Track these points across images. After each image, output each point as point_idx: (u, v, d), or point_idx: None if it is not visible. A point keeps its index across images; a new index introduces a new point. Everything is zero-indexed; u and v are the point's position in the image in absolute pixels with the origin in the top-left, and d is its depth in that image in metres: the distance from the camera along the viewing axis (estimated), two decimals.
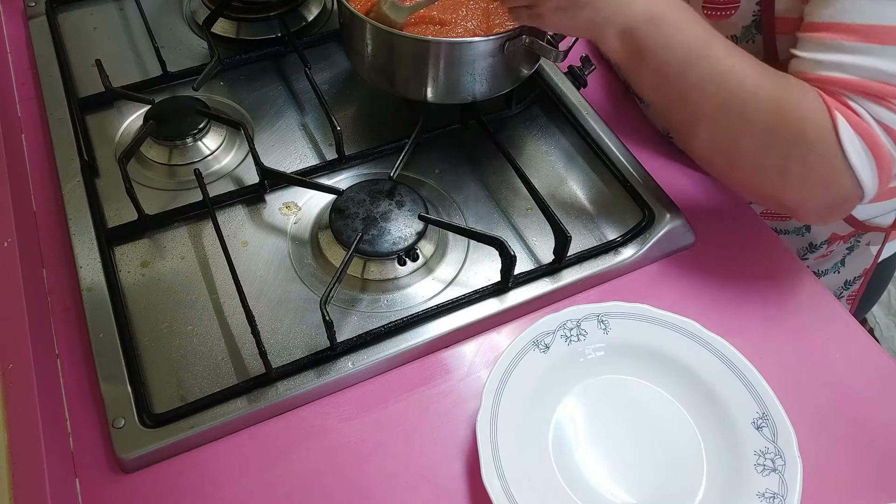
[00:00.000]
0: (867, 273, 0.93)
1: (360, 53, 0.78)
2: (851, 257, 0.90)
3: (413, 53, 0.74)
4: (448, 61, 0.73)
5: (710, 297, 0.72)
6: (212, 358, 0.66)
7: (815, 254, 0.88)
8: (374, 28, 0.72)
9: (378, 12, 0.74)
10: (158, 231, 0.75)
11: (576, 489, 0.58)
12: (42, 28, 0.94)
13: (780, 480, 0.57)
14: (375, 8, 0.75)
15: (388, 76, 0.78)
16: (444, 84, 0.75)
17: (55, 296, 0.70)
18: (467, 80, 0.75)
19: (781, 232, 0.86)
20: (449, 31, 0.75)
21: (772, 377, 0.62)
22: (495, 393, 0.61)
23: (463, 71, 0.74)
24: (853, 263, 0.91)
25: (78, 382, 0.64)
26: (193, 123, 0.81)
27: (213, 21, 0.91)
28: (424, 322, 0.67)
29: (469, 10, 0.76)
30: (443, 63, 0.73)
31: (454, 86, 0.75)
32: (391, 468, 0.61)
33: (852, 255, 0.90)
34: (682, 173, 0.82)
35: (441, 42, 0.72)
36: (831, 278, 0.92)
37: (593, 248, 0.73)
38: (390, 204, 0.73)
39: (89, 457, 0.60)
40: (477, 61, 0.73)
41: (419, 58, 0.74)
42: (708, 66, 0.61)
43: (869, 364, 0.68)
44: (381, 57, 0.76)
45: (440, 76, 0.75)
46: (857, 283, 0.94)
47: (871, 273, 0.93)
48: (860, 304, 0.98)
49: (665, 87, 0.65)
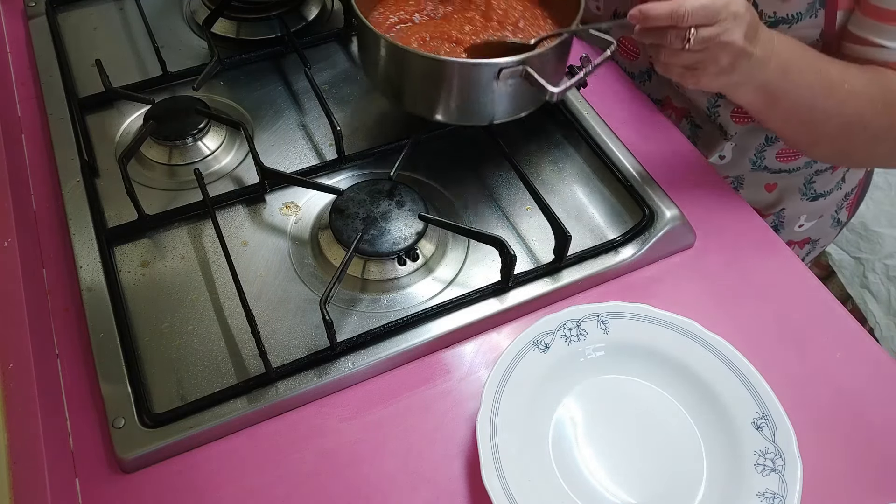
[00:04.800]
0: (861, 181, 1.04)
1: (374, 65, 0.76)
2: (851, 171, 0.99)
3: (408, 67, 0.73)
4: (432, 78, 0.71)
5: (710, 297, 0.72)
6: (212, 358, 0.66)
7: (820, 176, 0.95)
8: (386, 41, 0.71)
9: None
10: (158, 231, 0.75)
11: (576, 489, 0.58)
12: (42, 28, 0.94)
13: (780, 480, 0.57)
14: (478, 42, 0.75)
15: (395, 90, 0.77)
16: (446, 103, 0.73)
17: (55, 296, 0.70)
18: (472, 101, 0.72)
19: (794, 171, 0.93)
20: (461, 51, 0.75)
21: (772, 377, 0.62)
22: (495, 393, 0.61)
23: (461, 92, 0.72)
24: (851, 176, 1.00)
25: (78, 382, 0.64)
26: (193, 123, 0.81)
27: (213, 21, 0.91)
28: (424, 322, 0.67)
29: (479, 27, 0.76)
30: (447, 83, 0.72)
31: (462, 106, 0.73)
32: (391, 468, 0.61)
33: (851, 170, 0.99)
34: (682, 173, 0.82)
35: (426, 58, 0.70)
36: (835, 195, 1.00)
37: (593, 248, 0.73)
38: (390, 204, 0.73)
39: (89, 457, 0.60)
40: (474, 84, 0.70)
41: (415, 73, 0.73)
42: (830, 96, 0.71)
43: (869, 364, 0.68)
44: (392, 70, 0.75)
45: (440, 95, 0.73)
46: (854, 192, 1.04)
47: (864, 180, 1.05)
48: (854, 206, 1.09)
49: (794, 122, 0.75)
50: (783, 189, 0.95)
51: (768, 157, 0.91)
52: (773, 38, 0.67)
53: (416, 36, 0.77)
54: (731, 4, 0.62)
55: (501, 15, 0.79)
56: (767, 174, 0.93)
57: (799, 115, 0.73)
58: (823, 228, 1.04)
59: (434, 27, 0.78)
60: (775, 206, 0.97)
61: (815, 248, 1.08)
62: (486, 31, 0.77)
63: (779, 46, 0.67)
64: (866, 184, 1.07)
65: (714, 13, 0.61)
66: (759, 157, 0.91)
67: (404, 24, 0.80)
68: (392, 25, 0.80)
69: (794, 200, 0.97)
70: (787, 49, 0.68)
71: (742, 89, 0.69)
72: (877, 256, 1.80)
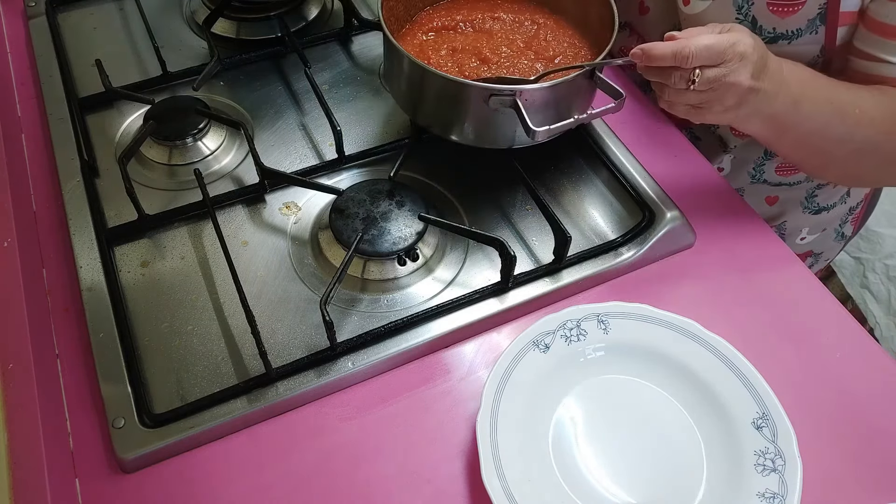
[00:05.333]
0: (868, 196, 1.02)
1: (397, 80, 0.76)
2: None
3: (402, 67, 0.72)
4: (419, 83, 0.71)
5: (710, 297, 0.72)
6: (212, 358, 0.66)
7: (822, 190, 0.94)
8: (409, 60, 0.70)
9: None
10: (158, 231, 0.75)
11: (576, 489, 0.58)
12: (42, 28, 0.94)
13: (780, 480, 0.57)
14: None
15: (413, 105, 0.77)
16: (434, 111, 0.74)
17: (55, 296, 0.70)
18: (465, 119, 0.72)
19: (794, 184, 0.92)
20: (484, 70, 0.74)
21: (772, 377, 0.62)
22: (495, 393, 0.61)
23: (450, 107, 0.71)
24: (856, 191, 0.98)
25: (78, 382, 0.64)
26: (193, 123, 0.81)
27: (213, 21, 0.91)
28: (424, 322, 0.67)
29: (515, 52, 0.76)
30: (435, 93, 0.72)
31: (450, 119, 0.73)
32: (391, 468, 0.61)
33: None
34: (682, 173, 0.82)
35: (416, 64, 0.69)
36: (839, 209, 0.98)
37: (593, 248, 0.73)
38: (390, 204, 0.73)
39: (89, 457, 0.60)
40: (463, 101, 0.69)
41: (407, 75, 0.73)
42: (842, 122, 0.69)
43: (869, 364, 0.68)
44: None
45: (425, 101, 0.73)
46: (860, 206, 1.02)
47: (870, 194, 1.02)
48: (860, 221, 1.06)
49: (804, 149, 0.73)
50: (784, 202, 0.94)
51: (767, 171, 0.90)
52: (783, 69, 0.65)
53: (449, 45, 0.77)
54: (737, 44, 0.60)
55: (543, 46, 0.77)
56: (767, 187, 0.92)
57: (809, 143, 0.71)
58: (827, 242, 1.03)
59: (472, 40, 0.78)
60: (777, 218, 0.96)
61: (819, 262, 1.07)
62: (521, 58, 0.76)
63: (789, 77, 0.66)
64: (873, 198, 1.04)
65: (719, 54, 0.60)
66: (758, 171, 0.91)
67: (447, 31, 0.80)
68: (434, 28, 0.80)
69: (796, 213, 0.96)
70: (798, 79, 0.67)
71: (750, 121, 0.68)
72: (877, 256, 1.80)
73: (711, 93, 0.62)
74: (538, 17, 0.82)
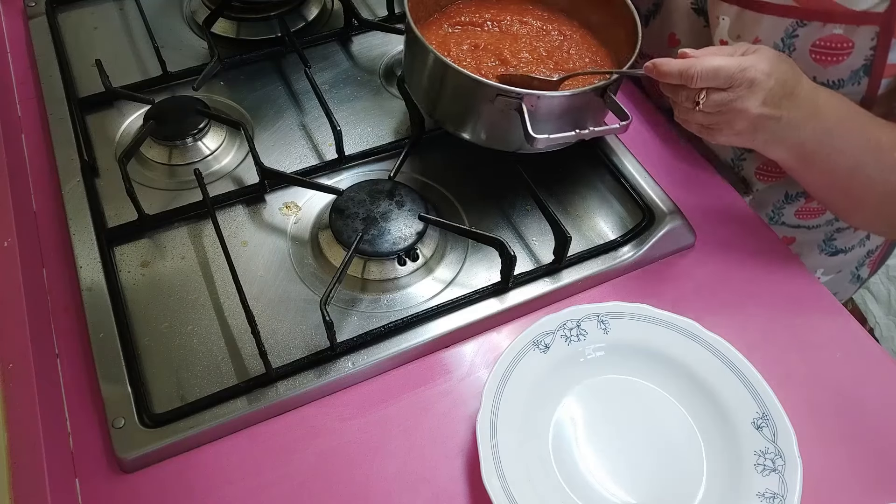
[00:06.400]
0: (887, 241, 0.98)
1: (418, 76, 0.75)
2: None
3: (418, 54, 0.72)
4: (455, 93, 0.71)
5: (710, 297, 0.72)
6: (212, 358, 0.66)
7: (842, 233, 0.91)
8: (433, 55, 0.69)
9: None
10: (158, 231, 0.75)
11: (576, 489, 0.58)
12: (42, 28, 0.94)
13: (780, 480, 0.57)
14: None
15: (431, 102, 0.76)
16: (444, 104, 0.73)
17: (55, 296, 0.70)
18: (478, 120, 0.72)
19: (813, 227, 0.89)
20: (502, 71, 0.74)
21: (772, 377, 0.62)
22: (495, 393, 0.61)
23: (459, 101, 0.71)
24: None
25: (78, 382, 0.64)
26: (193, 123, 0.81)
27: (213, 21, 0.91)
28: (424, 322, 0.67)
29: (536, 59, 0.75)
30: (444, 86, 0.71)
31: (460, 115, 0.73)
32: (391, 468, 0.61)
33: None
34: (682, 173, 0.82)
35: (431, 53, 0.68)
36: (857, 251, 0.95)
37: (593, 248, 0.73)
38: (390, 204, 0.73)
39: (89, 457, 0.60)
40: (469, 97, 0.69)
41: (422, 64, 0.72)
42: (876, 164, 0.65)
43: (869, 364, 0.68)
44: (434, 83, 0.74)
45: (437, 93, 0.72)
46: (878, 249, 0.98)
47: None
48: (878, 264, 1.03)
49: (832, 185, 0.69)
50: (801, 243, 0.91)
51: (787, 214, 0.87)
52: (818, 97, 0.63)
53: (472, 41, 0.77)
54: (748, 70, 0.58)
55: (563, 58, 0.76)
56: (785, 228, 0.89)
57: (838, 178, 0.68)
58: (842, 283, 1.00)
59: (496, 40, 0.77)
60: None
61: None
62: (539, 65, 0.75)
63: (824, 107, 0.63)
64: (894, 242, 1.01)
65: (726, 78, 0.58)
66: (776, 213, 0.88)
67: (473, 26, 0.80)
68: (461, 23, 0.80)
69: (813, 254, 0.93)
70: (834, 110, 0.64)
71: (773, 148, 0.65)
72: None
73: (720, 115, 0.61)
74: (566, 28, 0.80)
